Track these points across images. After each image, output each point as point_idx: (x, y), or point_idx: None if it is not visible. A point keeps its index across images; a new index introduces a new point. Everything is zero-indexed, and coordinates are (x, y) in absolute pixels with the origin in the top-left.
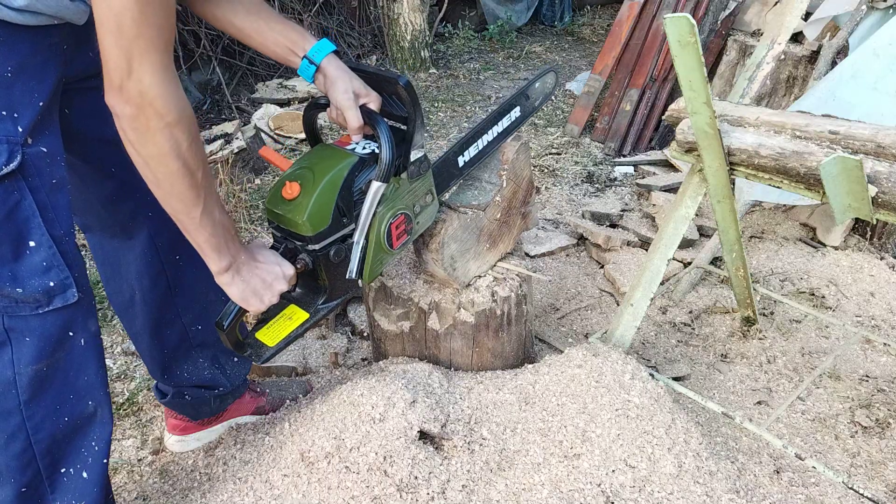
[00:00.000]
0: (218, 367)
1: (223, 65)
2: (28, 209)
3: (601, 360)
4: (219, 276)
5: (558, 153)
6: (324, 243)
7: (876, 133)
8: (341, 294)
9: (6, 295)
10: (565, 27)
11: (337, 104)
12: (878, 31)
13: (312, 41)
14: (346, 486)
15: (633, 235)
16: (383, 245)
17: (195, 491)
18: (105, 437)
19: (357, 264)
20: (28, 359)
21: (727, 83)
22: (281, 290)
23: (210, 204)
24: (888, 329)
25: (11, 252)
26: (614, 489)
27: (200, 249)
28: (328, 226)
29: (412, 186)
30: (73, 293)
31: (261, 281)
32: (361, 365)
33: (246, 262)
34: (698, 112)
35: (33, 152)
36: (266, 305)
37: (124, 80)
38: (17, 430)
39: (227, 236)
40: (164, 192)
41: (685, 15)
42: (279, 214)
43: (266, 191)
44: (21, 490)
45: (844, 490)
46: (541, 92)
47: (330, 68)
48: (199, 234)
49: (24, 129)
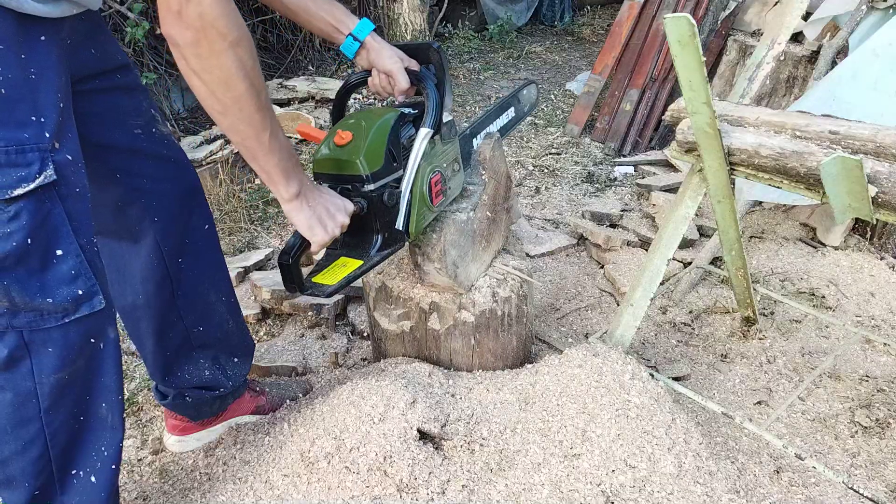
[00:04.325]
0: (219, 367)
1: None
2: (58, 218)
3: (601, 360)
4: (287, 204)
5: (558, 153)
6: (379, 184)
7: (876, 133)
8: (391, 244)
9: (34, 308)
10: (565, 27)
11: (385, 69)
12: (878, 31)
13: (356, 20)
14: (346, 486)
15: (633, 235)
16: (426, 199)
17: (195, 491)
18: (115, 442)
19: (404, 216)
20: (50, 369)
21: (727, 83)
22: (343, 224)
23: (275, 126)
24: (888, 329)
25: (40, 262)
26: (614, 489)
27: (269, 177)
28: (381, 166)
29: (444, 149)
30: (100, 300)
31: (325, 210)
32: (361, 365)
33: (311, 190)
34: (698, 112)
35: (61, 160)
36: (330, 236)
37: (183, 5)
38: (35, 437)
39: (293, 161)
40: (232, 119)
41: (685, 15)
42: (333, 160)
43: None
44: (34, 494)
45: (844, 490)
46: (527, 99)
47: (373, 43)
48: (268, 159)
49: (51, 134)
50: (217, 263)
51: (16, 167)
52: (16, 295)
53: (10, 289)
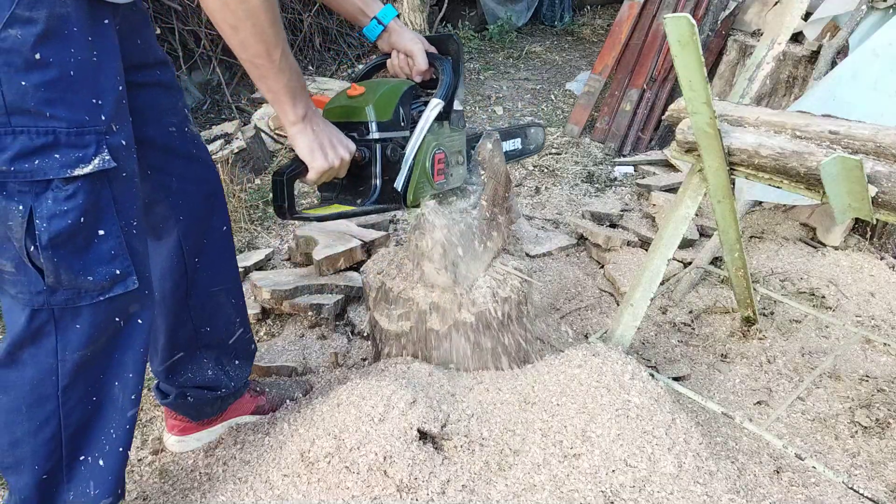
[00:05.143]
0: (221, 368)
1: (223, 65)
2: (106, 199)
3: (601, 360)
4: (292, 127)
5: (558, 153)
6: (384, 134)
7: (876, 133)
8: (387, 202)
9: (74, 286)
10: (565, 27)
11: (406, 49)
12: (878, 31)
13: (381, 6)
14: (346, 486)
15: (633, 235)
16: (427, 171)
17: (195, 491)
18: (124, 424)
19: (405, 178)
20: (75, 346)
21: (727, 83)
22: (343, 158)
23: (286, 45)
24: (888, 329)
25: (84, 241)
26: (614, 489)
27: (277, 98)
28: (389, 119)
29: (451, 135)
30: (134, 280)
31: (328, 139)
32: (361, 365)
33: (318, 117)
34: (698, 112)
35: (115, 143)
36: (329, 165)
37: None
38: (50, 417)
39: (301, 83)
40: (244, 35)
41: (685, 15)
42: (342, 107)
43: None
44: (42, 478)
45: (844, 490)
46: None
47: (396, 26)
48: (278, 79)
49: (108, 118)
50: (231, 265)
51: (74, 148)
52: (63, 272)
53: (60, 266)
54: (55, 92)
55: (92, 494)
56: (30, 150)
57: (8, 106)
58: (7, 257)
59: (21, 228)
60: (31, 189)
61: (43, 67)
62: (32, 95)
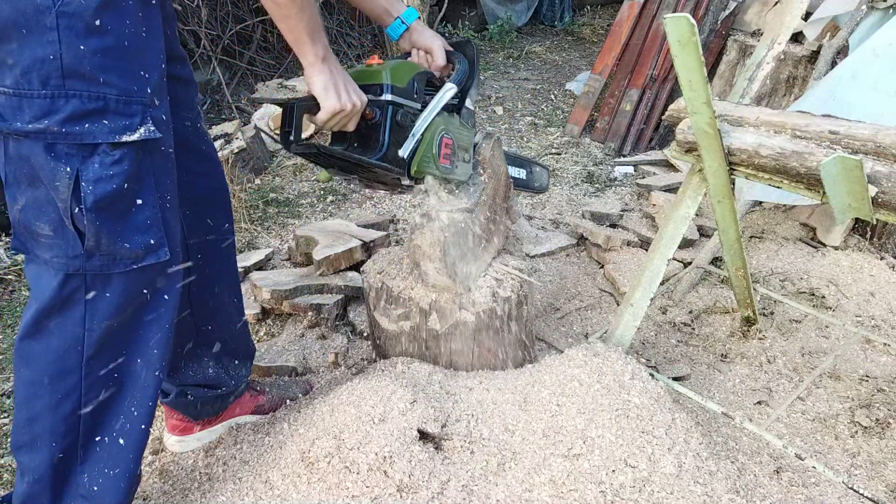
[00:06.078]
0: (221, 366)
1: (223, 65)
2: (146, 169)
3: (601, 360)
4: (311, 67)
5: (558, 153)
6: (396, 98)
7: (876, 133)
8: (391, 163)
9: (111, 252)
10: (565, 27)
11: (426, 46)
12: (878, 31)
13: (404, 7)
14: (346, 486)
15: (633, 235)
16: (433, 148)
17: (195, 491)
18: (146, 402)
19: (412, 147)
20: (103, 315)
21: (727, 83)
22: (355, 104)
23: None
24: (888, 329)
25: (124, 208)
26: (614, 489)
27: (297, 38)
28: (403, 87)
29: (461, 129)
30: (165, 251)
31: (343, 82)
32: (361, 365)
33: (335, 61)
34: (698, 112)
35: (157, 117)
36: (340, 106)
37: None
38: (71, 391)
39: (320, 26)
40: None
41: (685, 15)
42: (360, 72)
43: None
44: (58, 456)
45: (844, 490)
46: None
47: (417, 26)
48: (299, 20)
49: (152, 91)
50: (231, 263)
51: (122, 116)
52: (103, 236)
53: (101, 229)
54: (110, 59)
55: (111, 475)
56: (81, 114)
57: (65, 69)
58: (46, 220)
59: (67, 190)
60: (79, 152)
61: (102, 34)
62: (90, 60)
